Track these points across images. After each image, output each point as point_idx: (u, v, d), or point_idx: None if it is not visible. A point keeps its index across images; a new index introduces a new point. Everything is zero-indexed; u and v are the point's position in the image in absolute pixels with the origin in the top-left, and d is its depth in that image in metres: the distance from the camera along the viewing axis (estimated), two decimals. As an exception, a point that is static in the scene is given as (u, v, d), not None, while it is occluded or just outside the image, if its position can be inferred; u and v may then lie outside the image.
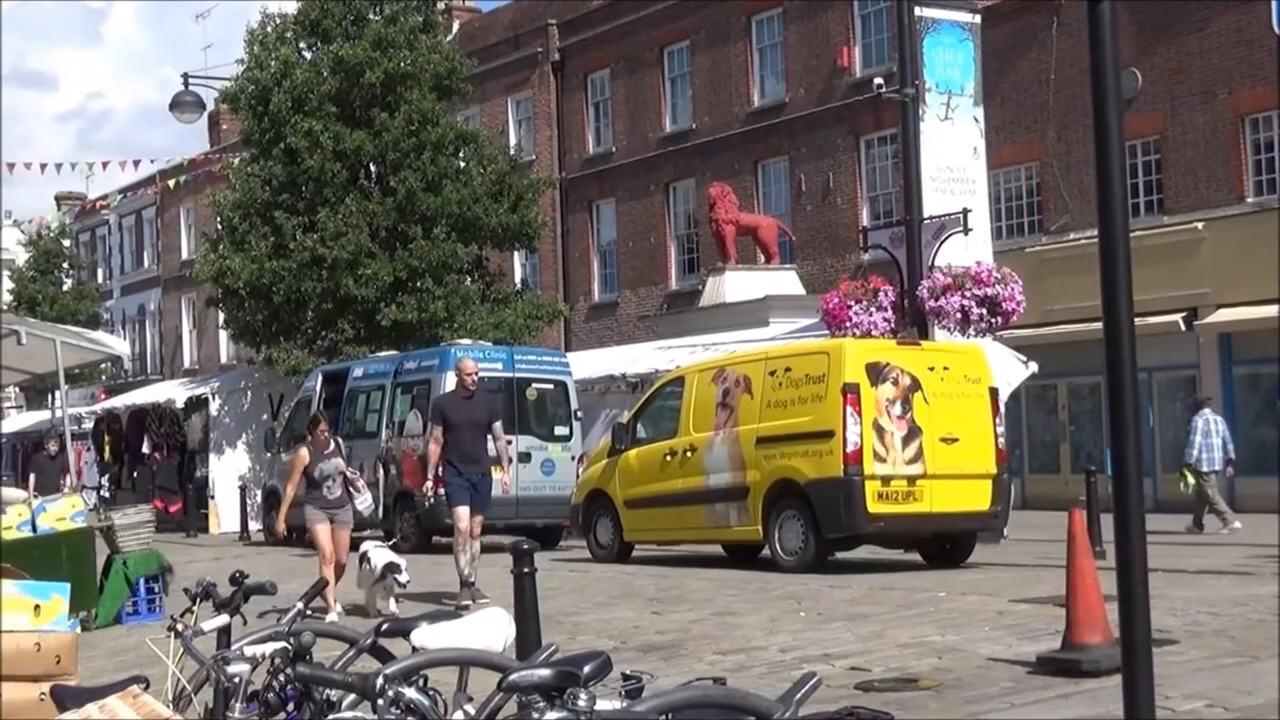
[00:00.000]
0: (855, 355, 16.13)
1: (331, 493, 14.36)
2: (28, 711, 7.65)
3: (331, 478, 14.35)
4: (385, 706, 4.03)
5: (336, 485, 14.39)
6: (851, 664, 9.79)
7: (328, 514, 14.30)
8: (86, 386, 48.46)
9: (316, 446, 14.41)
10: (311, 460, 14.30)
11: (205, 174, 44.89)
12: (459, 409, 14.89)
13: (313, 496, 14.34)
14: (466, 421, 14.77)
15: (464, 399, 15.03)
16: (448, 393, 15.99)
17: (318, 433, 14.48)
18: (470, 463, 14.75)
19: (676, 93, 38.21)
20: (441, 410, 15.03)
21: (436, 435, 14.78)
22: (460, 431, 14.68)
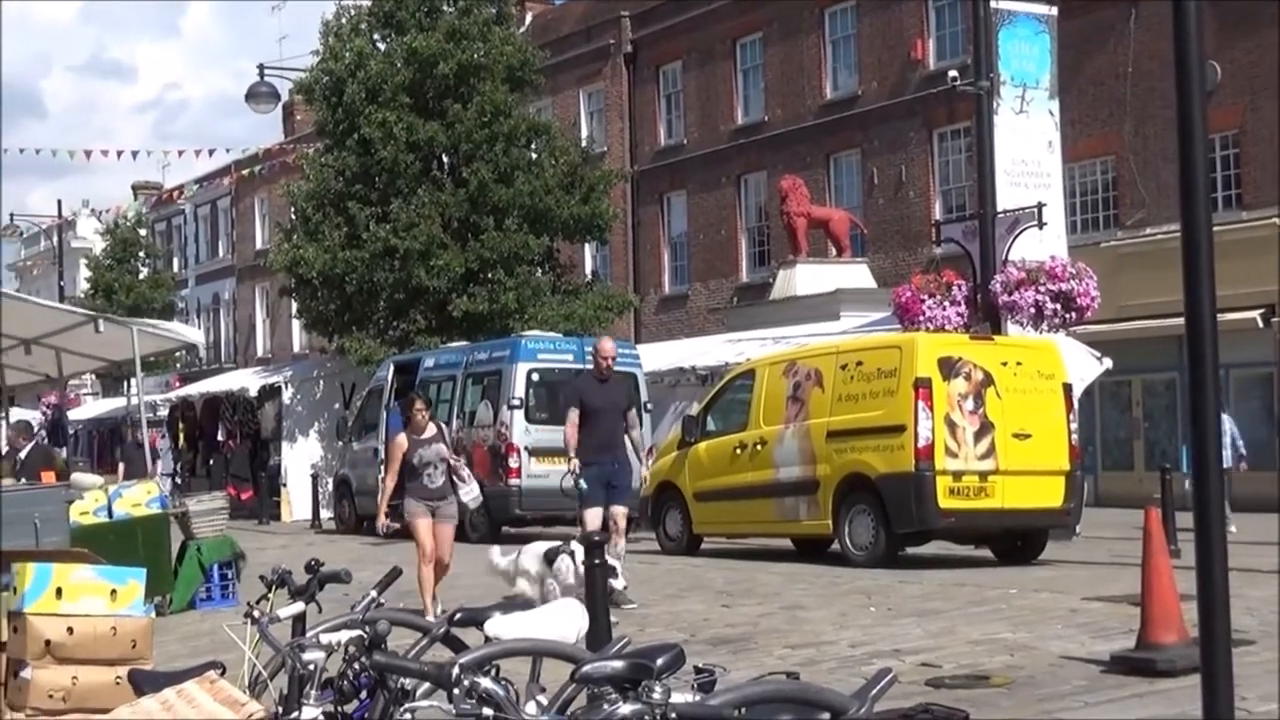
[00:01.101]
0: (927, 349, 16.04)
1: (433, 482, 13.14)
2: (104, 695, 7.73)
3: (433, 465, 13.10)
4: (460, 696, 4.03)
5: (438, 474, 13.15)
6: (922, 660, 9.74)
7: (428, 506, 13.13)
8: (161, 374, 48.97)
9: (414, 430, 13.21)
10: (410, 446, 13.07)
11: (280, 164, 45.21)
12: (596, 393, 13.83)
13: (412, 486, 13.16)
14: (604, 406, 13.76)
15: (599, 382, 13.98)
16: (583, 375, 14.84)
17: (414, 414, 13.25)
18: (606, 450, 13.72)
19: (748, 85, 38.11)
20: (579, 393, 13.92)
21: (573, 418, 13.67)
22: (597, 417, 13.65)
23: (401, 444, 13.14)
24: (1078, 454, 17.08)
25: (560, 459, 22.24)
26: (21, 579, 8.15)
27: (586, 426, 13.61)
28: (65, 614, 8.07)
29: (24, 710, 8.00)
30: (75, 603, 8.12)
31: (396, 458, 13.16)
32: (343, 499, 27.32)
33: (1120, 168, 29.98)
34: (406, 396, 14.31)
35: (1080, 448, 17.62)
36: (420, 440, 13.08)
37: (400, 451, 13.10)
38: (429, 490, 13.10)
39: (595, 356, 14.15)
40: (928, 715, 4.54)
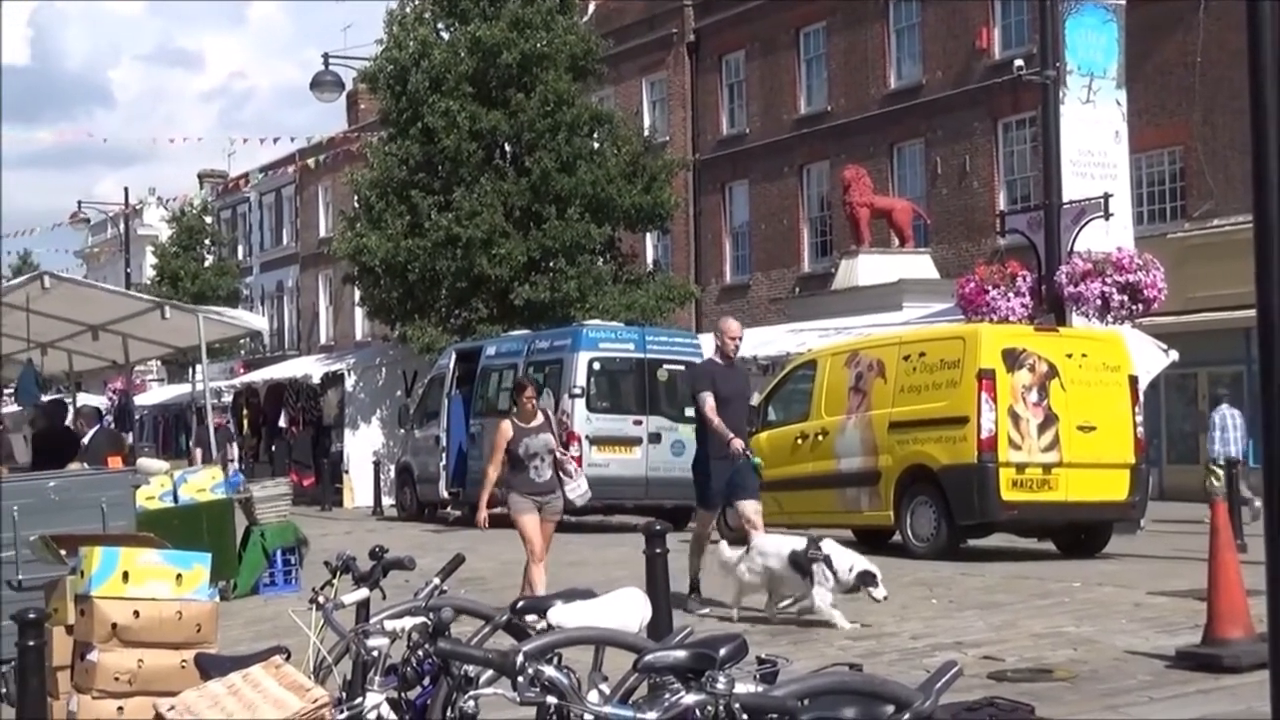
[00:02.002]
0: (991, 341, 15.95)
1: (540, 475, 12.00)
2: (170, 678, 7.80)
3: (540, 456, 11.98)
4: (524, 684, 4.04)
5: (545, 466, 12.02)
6: (984, 653, 9.70)
7: (535, 501, 12.02)
8: (226, 361, 49.38)
9: (521, 417, 12.11)
10: (515, 435, 11.98)
11: (343, 153, 45.48)
12: (726, 379, 12.54)
13: (517, 479, 12.03)
14: (732, 394, 12.52)
15: (726, 368, 12.69)
16: (708, 361, 13.31)
17: (523, 401, 12.18)
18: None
19: (812, 74, 37.96)
20: (712, 378, 12.54)
21: (711, 404, 12.23)
22: (725, 406, 12.32)
23: (506, 432, 12.02)
24: (1143, 447, 16.93)
25: (620, 448, 22.52)
26: (89, 563, 8.23)
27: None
28: (131, 597, 8.15)
29: (91, 692, 8.09)
30: (141, 586, 8.19)
31: (500, 446, 12.01)
32: (404, 486, 27.47)
33: (1188, 158, 29.65)
34: (517, 382, 13.34)
35: (1145, 440, 17.46)
36: (527, 429, 12.03)
37: (504, 440, 11.98)
38: (535, 485, 12.01)
39: (721, 337, 12.76)
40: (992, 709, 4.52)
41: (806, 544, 11.44)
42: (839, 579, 11.15)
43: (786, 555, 11.42)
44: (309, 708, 5.19)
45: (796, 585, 11.51)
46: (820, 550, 11.26)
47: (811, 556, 11.19)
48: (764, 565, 11.61)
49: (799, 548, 11.39)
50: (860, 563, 11.30)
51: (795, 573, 11.36)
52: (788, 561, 11.39)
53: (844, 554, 11.40)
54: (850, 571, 11.18)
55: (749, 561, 11.72)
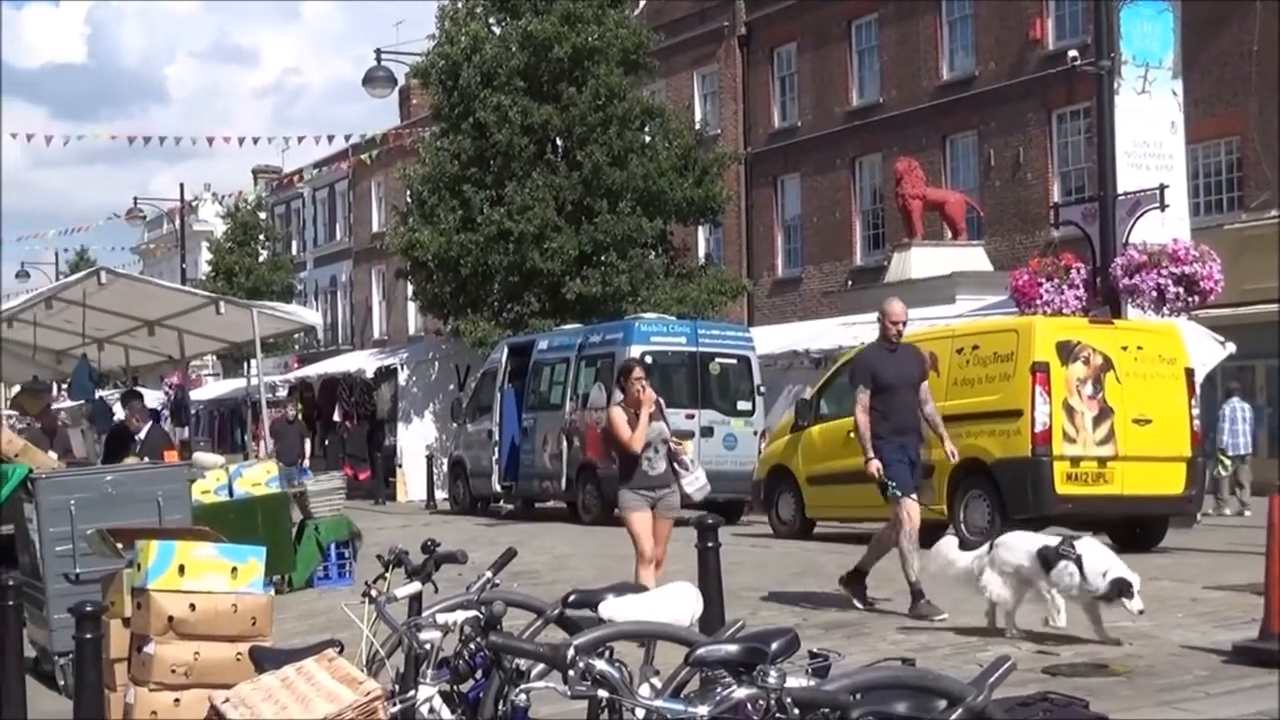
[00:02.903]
0: (1045, 333, 15.84)
1: (654, 468, 10.98)
2: (225, 671, 7.86)
3: (654, 447, 10.95)
4: (575, 678, 4.05)
5: (660, 458, 11.00)
6: (1039, 648, 9.63)
7: (647, 497, 11.01)
8: (280, 355, 49.66)
9: (631, 403, 10.97)
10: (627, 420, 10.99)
11: (396, 148, 45.62)
12: (889, 365, 11.63)
13: (628, 473, 11.05)
14: (897, 381, 11.55)
15: (889, 352, 11.74)
16: (869, 347, 12.34)
17: (631, 384, 10.97)
18: (904, 433, 11.58)
19: (864, 66, 37.80)
20: (871, 367, 11.65)
21: (864, 401, 11.43)
22: (892, 395, 11.46)
23: (620, 419, 10.92)
24: (1199, 440, 16.78)
25: (673, 441, 22.46)
26: (145, 556, 8.30)
27: (880, 406, 11.45)
28: (187, 591, 8.21)
29: (148, 684, 8.15)
30: (197, 580, 8.25)
31: (625, 431, 10.87)
32: (457, 480, 27.57)
33: (1245, 149, 29.36)
34: (624, 364, 12.06)
35: (1202, 433, 17.31)
36: (639, 417, 10.97)
37: (625, 424, 10.90)
38: (649, 478, 10.98)
39: (883, 321, 11.79)
40: (1046, 704, 4.49)
41: (1060, 540, 10.09)
42: (1088, 583, 9.72)
43: (1035, 551, 10.03)
44: (362, 700, 5.22)
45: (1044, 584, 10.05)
46: (1073, 548, 9.89)
47: (1062, 553, 9.84)
48: (1015, 566, 10.08)
49: (1050, 543, 10.07)
50: (1116, 567, 9.79)
51: (1044, 572, 9.94)
52: (1035, 558, 9.98)
53: (1100, 555, 9.96)
54: (1103, 576, 9.69)
55: (996, 564, 10.20)
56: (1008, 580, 10.06)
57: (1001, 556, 10.12)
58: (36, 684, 10.57)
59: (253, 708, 5.36)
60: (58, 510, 11.00)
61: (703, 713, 3.93)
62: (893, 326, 11.68)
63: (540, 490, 24.70)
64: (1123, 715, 7.27)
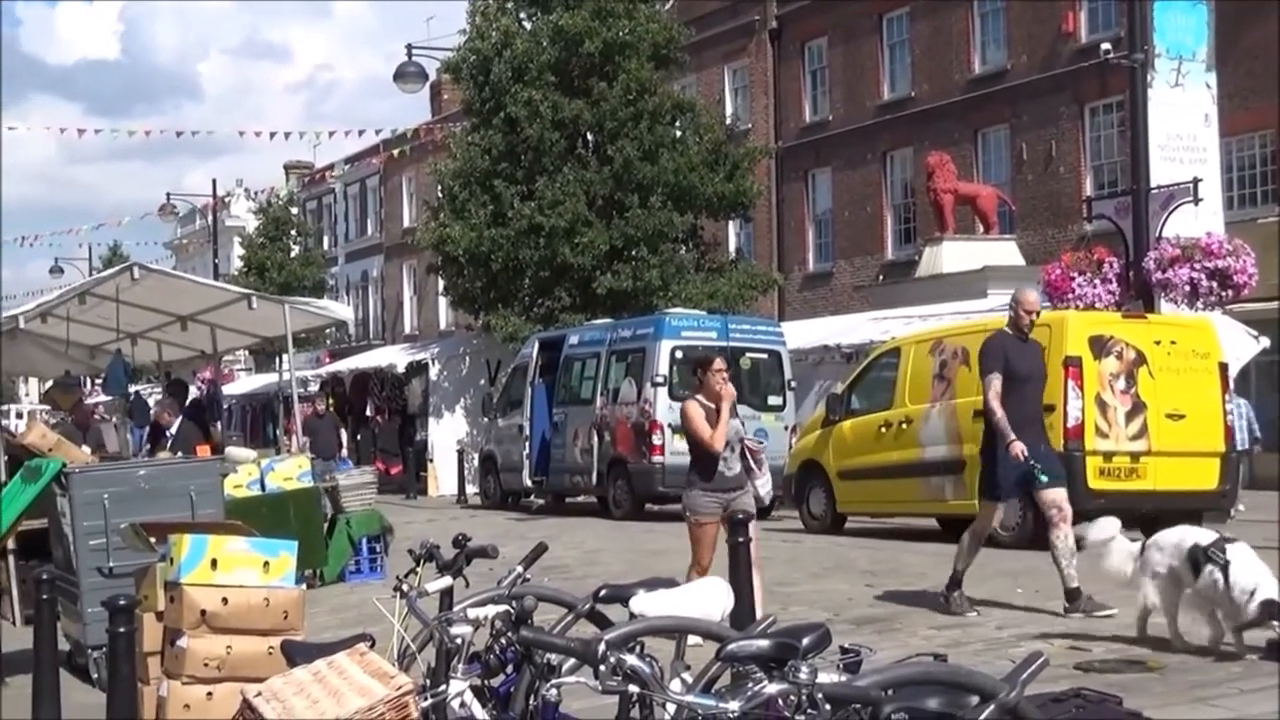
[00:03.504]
0: (1078, 328, 15.77)
1: (729, 468, 10.18)
2: (258, 664, 7.88)
3: (730, 445, 10.15)
4: (606, 672, 4.04)
5: (735, 458, 10.19)
6: (1071, 644, 9.60)
7: (721, 500, 10.13)
8: (312, 350, 49.84)
9: (709, 397, 10.21)
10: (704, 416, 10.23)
11: (427, 143, 45.72)
12: (1021, 356, 11.16)
13: (700, 474, 10.25)
14: (1028, 373, 11.16)
15: (1020, 343, 11.26)
16: (999, 335, 11.53)
17: (711, 376, 10.24)
18: (1032, 425, 11.09)
19: (895, 60, 37.69)
20: (1004, 354, 11.12)
21: (996, 387, 10.91)
22: (1022, 385, 11.03)
23: (698, 413, 10.16)
24: (1233, 434, 16.69)
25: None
26: (178, 550, 8.33)
27: (1011, 397, 10.97)
28: (220, 585, 8.24)
29: (181, 677, 8.19)
30: (229, 574, 8.28)
31: (703, 432, 10.10)
32: (488, 474, 27.62)
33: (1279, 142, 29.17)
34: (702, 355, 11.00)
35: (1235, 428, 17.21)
36: (714, 412, 10.22)
37: (702, 425, 10.12)
38: (725, 479, 10.16)
39: (1016, 309, 11.28)
40: (1079, 700, 4.47)
41: (1211, 541, 9.08)
42: (1232, 600, 8.75)
43: (1187, 550, 9.10)
44: (393, 695, 5.22)
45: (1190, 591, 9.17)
46: (1222, 553, 8.85)
47: (1210, 555, 8.85)
48: (1167, 567, 9.23)
49: (1203, 541, 9.08)
50: (1266, 585, 8.67)
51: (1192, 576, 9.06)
52: (1187, 559, 9.08)
53: (1250, 569, 8.82)
54: (1250, 597, 8.67)
55: (1148, 567, 9.36)
56: (1160, 584, 9.26)
57: (1153, 559, 9.32)
58: (70, 677, 10.62)
59: (285, 701, 5.37)
60: (91, 504, 11.05)
61: (734, 708, 3.92)
62: (1026, 316, 11.21)
63: (571, 485, 24.73)
64: (1156, 712, 7.23)
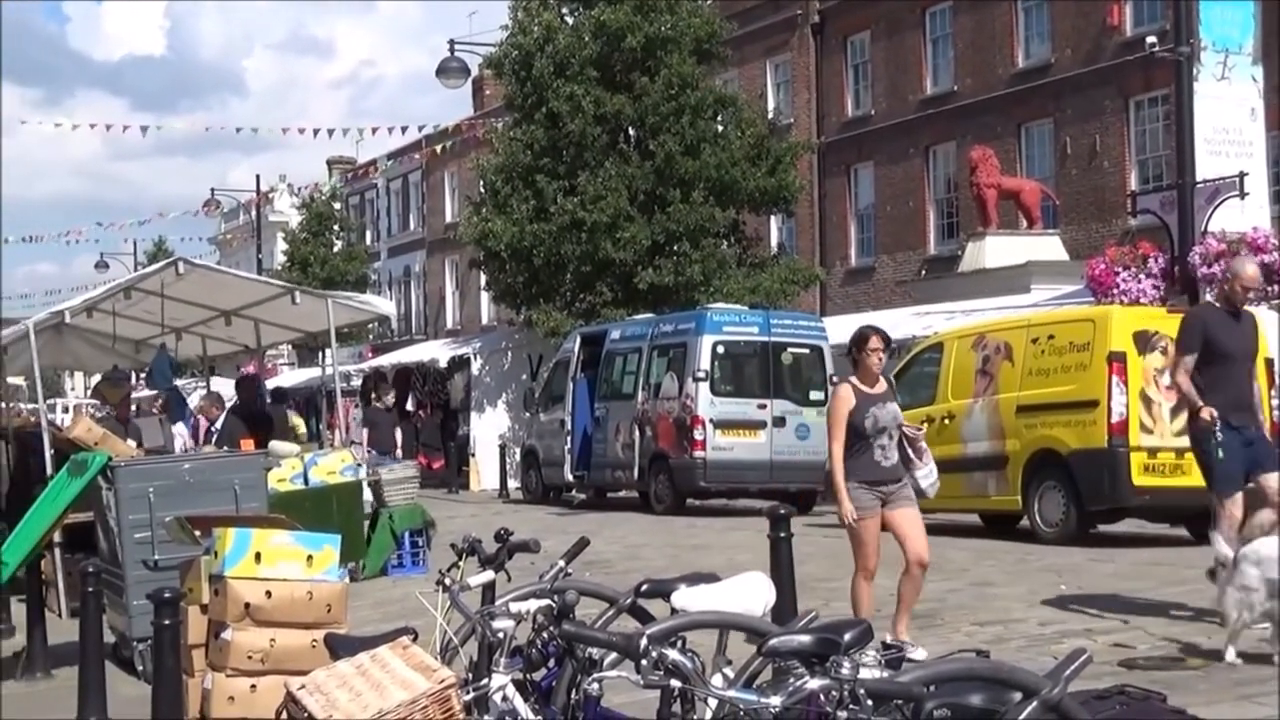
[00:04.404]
0: (1122, 323, 15.69)
1: (887, 458, 9.38)
2: (301, 657, 7.94)
3: (888, 433, 9.37)
4: (648, 667, 4.05)
5: (893, 446, 9.41)
6: (1115, 640, 9.55)
7: (879, 494, 9.40)
8: (355, 345, 50.01)
9: (866, 379, 9.46)
10: (858, 403, 9.32)
11: (469, 139, 45.81)
12: (1228, 331, 10.16)
13: (856, 464, 9.36)
14: (1237, 351, 10.15)
15: (1228, 316, 10.24)
16: (1205, 307, 10.82)
17: (867, 356, 9.43)
18: (1240, 409, 10.13)
19: (938, 54, 37.50)
20: (1206, 330, 10.15)
21: (1187, 365, 10.07)
22: (1229, 365, 10.05)
23: (848, 399, 9.35)
24: (1278, 430, 16.54)
25: (744, 431, 22.47)
26: (222, 543, 8.39)
27: (1211, 377, 10.08)
28: (264, 578, 8.30)
29: (225, 670, 8.25)
30: (273, 567, 8.34)
31: (842, 418, 9.34)
32: (530, 469, 27.66)
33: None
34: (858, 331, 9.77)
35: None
36: (872, 396, 9.41)
37: (847, 409, 9.32)
38: (881, 470, 9.38)
39: (1233, 284, 10.31)
40: (1123, 697, 4.45)
41: None
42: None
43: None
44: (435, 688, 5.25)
45: None
46: None
47: None
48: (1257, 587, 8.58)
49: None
50: None
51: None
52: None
53: None
54: None
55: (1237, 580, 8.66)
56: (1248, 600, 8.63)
57: (1245, 572, 8.64)
58: (116, 669, 10.72)
59: (328, 694, 5.40)
60: (137, 498, 11.14)
61: (775, 703, 3.92)
62: (1243, 291, 10.22)
63: (612, 480, 24.75)
64: (1201, 710, 7.18)
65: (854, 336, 9.65)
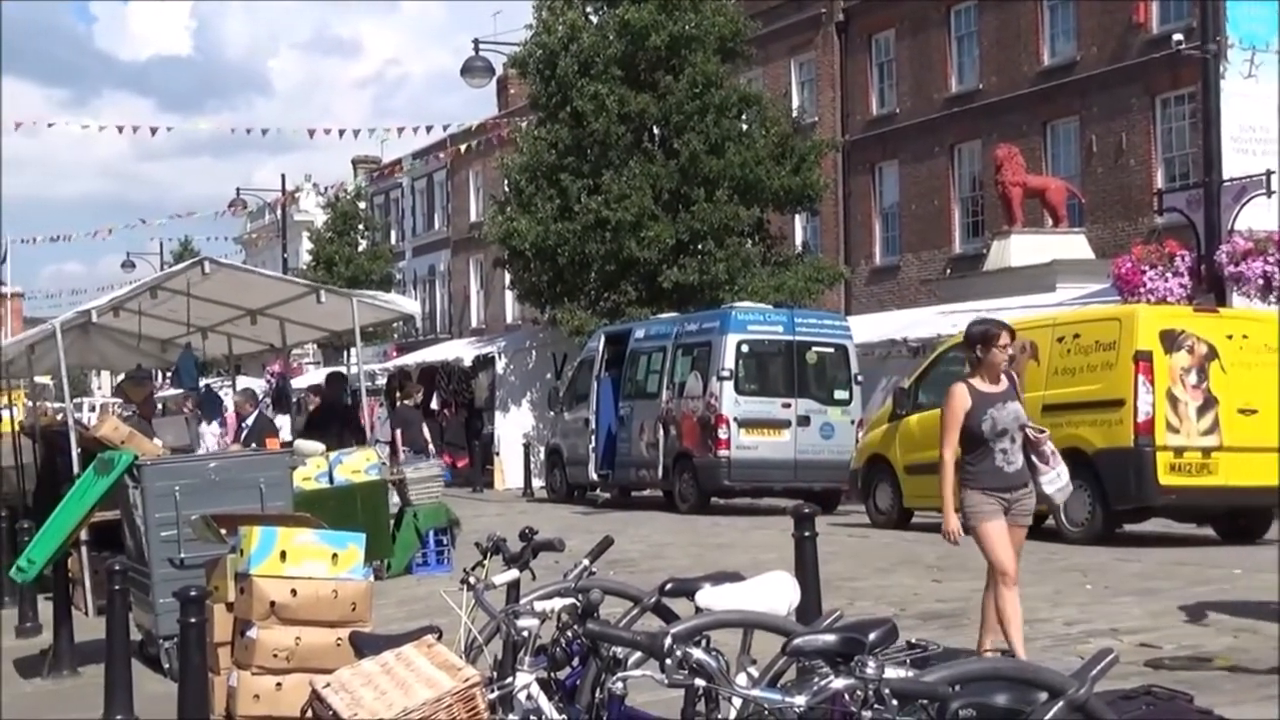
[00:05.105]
0: (1148, 322, 15.64)
1: (1010, 463, 8.58)
2: (326, 655, 7.95)
3: (1010, 435, 8.57)
4: (673, 666, 4.05)
5: (1017, 450, 8.60)
6: (1140, 640, 9.52)
7: (1002, 501, 8.59)
8: (379, 344, 50.09)
9: (989, 376, 8.62)
10: (975, 403, 8.53)
11: (494, 138, 45.85)
12: None
13: (977, 469, 8.59)
14: None
15: None
16: None
17: (994, 353, 8.57)
18: None
19: (963, 52, 37.41)
20: None
21: None
22: None
23: (964, 399, 8.54)
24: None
25: (768, 430, 22.44)
26: (248, 542, 8.41)
27: None
28: (289, 576, 8.32)
29: (250, 668, 8.27)
30: (298, 565, 8.36)
31: (957, 420, 8.55)
32: (554, 468, 27.69)
33: (1355, 133, 28.76)
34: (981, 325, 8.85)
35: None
36: (992, 395, 8.59)
37: (962, 410, 8.53)
38: (1005, 476, 8.57)
39: None
40: (1149, 697, 4.43)
41: None
42: None
43: None
44: (460, 687, 5.26)
45: None
46: None
47: None
48: None
49: None
50: None
51: None
52: None
53: None
54: None
55: None
56: None
57: None
58: (142, 667, 10.76)
59: (353, 693, 5.42)
60: (163, 496, 11.16)
61: (800, 702, 3.92)
62: None
63: (636, 479, 24.76)
64: (1228, 710, 7.15)
65: (978, 333, 8.67)
